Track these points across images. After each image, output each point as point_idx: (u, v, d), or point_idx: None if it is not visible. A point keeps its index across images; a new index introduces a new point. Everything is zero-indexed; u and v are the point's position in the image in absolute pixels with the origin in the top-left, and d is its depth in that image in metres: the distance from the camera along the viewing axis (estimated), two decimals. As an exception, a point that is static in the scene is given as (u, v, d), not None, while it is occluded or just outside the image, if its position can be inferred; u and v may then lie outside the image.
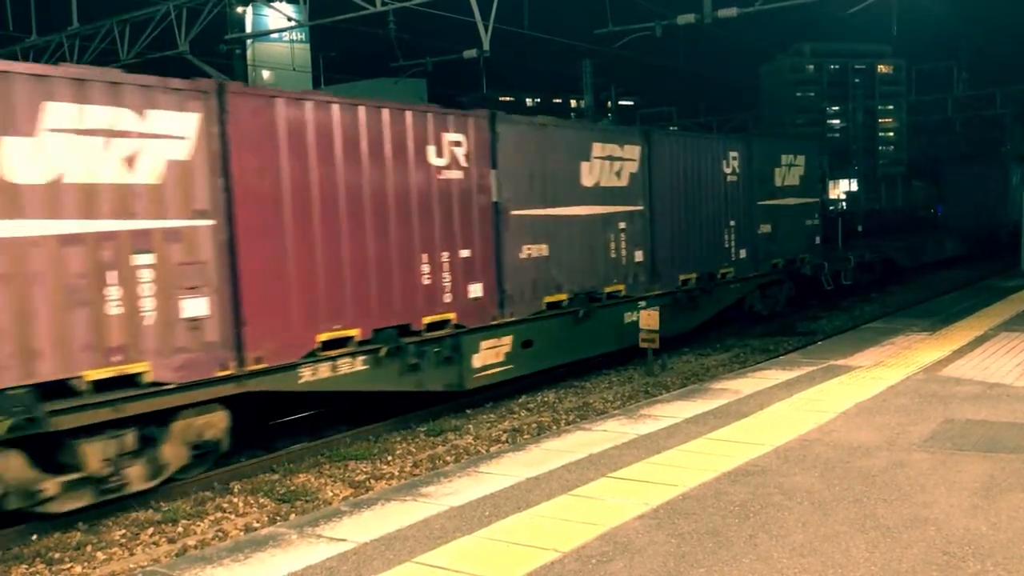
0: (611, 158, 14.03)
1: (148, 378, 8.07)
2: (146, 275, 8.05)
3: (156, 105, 8.16)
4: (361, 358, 10.07)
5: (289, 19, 24.74)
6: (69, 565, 7.20)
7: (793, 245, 19.40)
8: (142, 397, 8.05)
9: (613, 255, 14.11)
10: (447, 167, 11.19)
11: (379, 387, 10.40)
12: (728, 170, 17.11)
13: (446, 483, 6.69)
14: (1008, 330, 13.00)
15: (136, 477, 8.15)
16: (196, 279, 8.42)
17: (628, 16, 22.28)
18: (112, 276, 7.81)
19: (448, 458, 9.84)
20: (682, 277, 15.75)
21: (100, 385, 7.77)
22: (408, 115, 10.69)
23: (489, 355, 11.77)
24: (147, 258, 8.07)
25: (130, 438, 8.06)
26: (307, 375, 9.48)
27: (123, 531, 7.87)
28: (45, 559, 7.32)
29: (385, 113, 10.39)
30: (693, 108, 54.72)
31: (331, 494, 8.72)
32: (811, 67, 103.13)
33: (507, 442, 10.38)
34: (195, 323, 8.42)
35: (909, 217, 40.85)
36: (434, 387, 11.12)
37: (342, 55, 37.18)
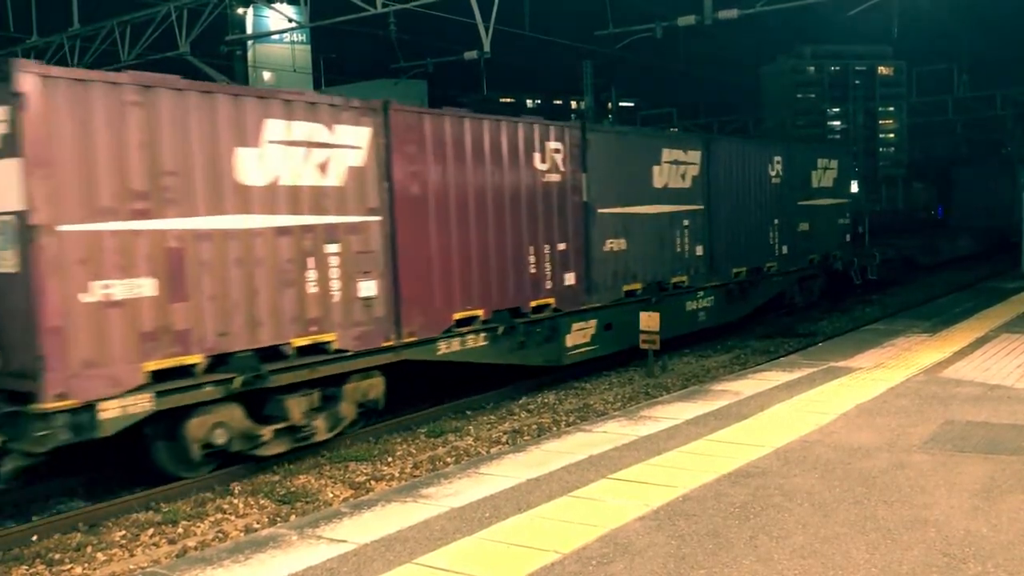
0: (677, 162, 15.75)
1: (334, 346, 9.88)
2: (334, 261, 9.86)
3: (341, 121, 9.93)
4: (483, 335, 11.86)
5: (290, 20, 24.75)
6: (69, 566, 7.20)
7: (827, 242, 21.01)
8: (330, 362, 9.88)
9: (678, 249, 15.79)
10: (549, 171, 12.97)
11: (494, 360, 12.18)
12: (772, 173, 18.71)
13: (446, 484, 6.69)
14: (1009, 332, 13.00)
15: (321, 428, 9.86)
16: (369, 265, 10.26)
17: (629, 17, 22.28)
18: (311, 262, 9.61)
19: (448, 459, 9.84)
20: (735, 270, 17.35)
21: (300, 351, 9.54)
22: (520, 127, 12.51)
23: (578, 336, 13.50)
24: (335, 247, 9.87)
25: (316, 396, 9.82)
26: (443, 348, 11.32)
27: (123, 532, 7.87)
28: (45, 560, 7.32)
29: (503, 126, 12.21)
30: (693, 109, 54.74)
31: (331, 495, 8.71)
32: (812, 68, 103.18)
33: (507, 443, 10.38)
34: (368, 302, 10.27)
35: (910, 218, 40.97)
36: (536, 362, 12.89)
37: (343, 56, 37.24)
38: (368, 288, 10.22)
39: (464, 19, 18.97)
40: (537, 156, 12.72)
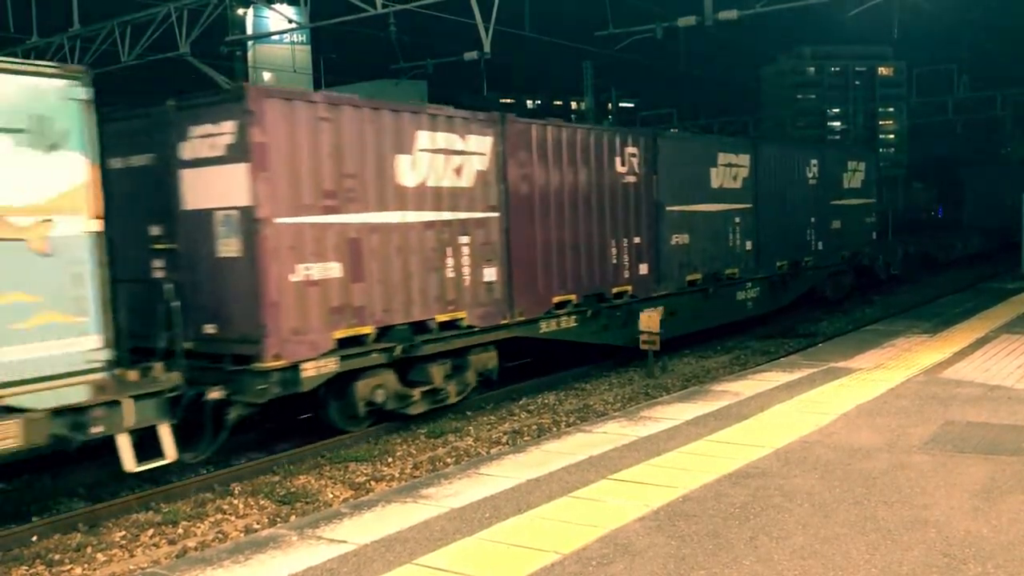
0: (730, 165, 17.34)
1: (465, 322, 11.66)
2: (465, 251, 11.68)
3: (470, 132, 11.72)
4: (574, 317, 13.54)
5: (290, 21, 24.75)
6: (69, 566, 7.20)
7: (856, 239, 22.54)
8: (462, 335, 11.67)
9: (731, 244, 17.37)
10: (627, 173, 14.62)
11: (582, 339, 13.81)
12: (810, 175, 20.38)
13: (446, 485, 6.69)
14: (1009, 332, 12.99)
15: (452, 392, 11.64)
16: (490, 255, 12.08)
17: (629, 18, 22.27)
18: (449, 251, 11.44)
19: (448, 460, 9.84)
20: (778, 263, 19.01)
21: (440, 326, 11.32)
22: (605, 134, 14.24)
23: (646, 321, 14.69)
24: (466, 239, 11.70)
25: (449, 365, 11.61)
26: (543, 327, 13.02)
27: (123, 532, 7.87)
28: (45, 560, 7.31)
29: (592, 133, 13.94)
30: (694, 110, 54.75)
31: (331, 496, 8.71)
32: (812, 69, 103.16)
33: (507, 444, 10.38)
34: (489, 286, 12.07)
35: (912, 218, 41.17)
36: (616, 342, 14.43)
37: (343, 57, 37.21)
38: (490, 274, 12.08)
39: (464, 20, 18.97)
40: (618, 160, 14.41)
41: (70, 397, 7.42)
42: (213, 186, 9.55)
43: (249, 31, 27.90)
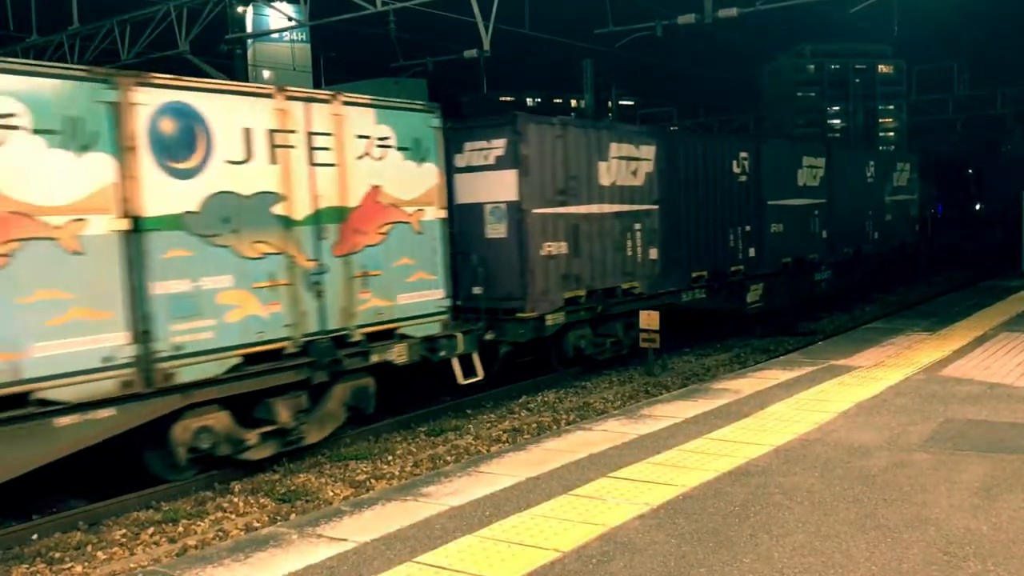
0: (811, 166, 20.53)
1: (638, 290, 14.95)
2: (638, 235, 14.95)
3: (642, 142, 15.08)
4: (704, 289, 16.69)
5: (290, 19, 24.72)
6: (70, 565, 7.20)
7: (903, 231, 25.89)
8: (636, 302, 14.78)
9: (812, 232, 20.55)
10: (740, 174, 17.84)
11: (708, 307, 16.90)
12: (869, 174, 23.60)
13: (446, 483, 6.69)
14: (1008, 330, 12.99)
15: (626, 345, 14.82)
16: (653, 238, 15.27)
17: (629, 16, 22.25)
18: (628, 235, 14.75)
19: (448, 458, 9.84)
20: (845, 250, 22.06)
21: (620, 292, 14.63)
22: (726, 143, 18.02)
23: (753, 294, 18.21)
24: (639, 225, 14.97)
25: (624, 324, 14.68)
26: (684, 297, 16.20)
27: (123, 531, 7.87)
28: (46, 559, 7.32)
29: (717, 141, 18.26)
30: (693, 108, 54.69)
31: (331, 494, 8.71)
32: (812, 67, 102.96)
33: (507, 442, 10.38)
34: (653, 262, 15.31)
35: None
36: (731, 309, 17.73)
37: (343, 55, 37.11)
38: (653, 253, 15.29)
39: (464, 18, 18.96)
40: (734, 163, 17.67)
41: (430, 331, 11.11)
42: (484, 186, 13.01)
43: (249, 29, 27.85)
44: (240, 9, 26.52)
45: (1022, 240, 25.73)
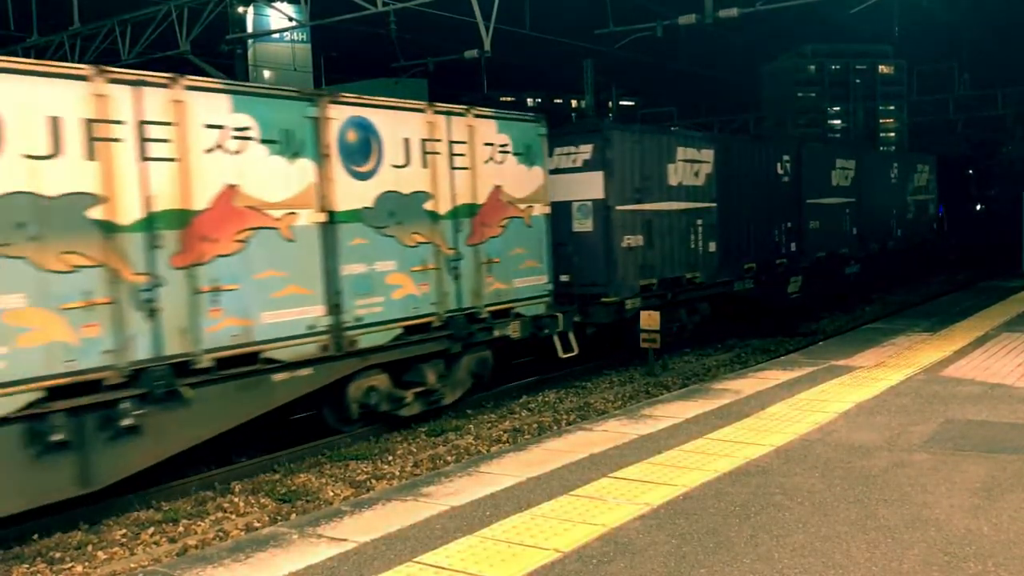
0: (843, 168, 22.53)
1: (698, 280, 16.40)
2: (699, 230, 16.49)
3: (702, 146, 16.79)
4: (752, 280, 18.22)
5: (290, 19, 24.72)
6: (70, 564, 7.20)
7: (923, 228, 28.04)
8: (699, 290, 16.57)
9: (844, 229, 22.47)
10: (783, 175, 19.65)
11: (755, 297, 18.51)
12: (893, 176, 25.86)
13: (447, 483, 6.69)
14: (1009, 331, 12.99)
15: (688, 327, 16.49)
16: (711, 233, 16.80)
17: (629, 16, 22.25)
18: (691, 230, 16.27)
19: (449, 458, 9.84)
20: (873, 246, 24.04)
21: (685, 281, 16.11)
22: (772, 147, 19.88)
23: (792, 286, 19.86)
24: (700, 221, 16.51)
25: (689, 310, 16.52)
26: (737, 287, 17.70)
27: (124, 531, 7.87)
28: (46, 558, 7.32)
29: (763, 146, 19.75)
30: (694, 108, 54.67)
31: (332, 494, 8.72)
32: (812, 67, 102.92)
33: (508, 442, 10.38)
34: (711, 255, 16.85)
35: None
36: (773, 299, 19.22)
37: (343, 55, 37.09)
38: (711, 247, 16.82)
39: (464, 18, 18.96)
40: (778, 165, 19.45)
41: (537, 311, 12.75)
42: (572, 186, 14.43)
43: (249, 29, 27.84)
44: (241, 9, 26.52)
45: (1023, 241, 25.72)
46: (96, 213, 7.81)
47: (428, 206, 11.04)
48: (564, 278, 14.01)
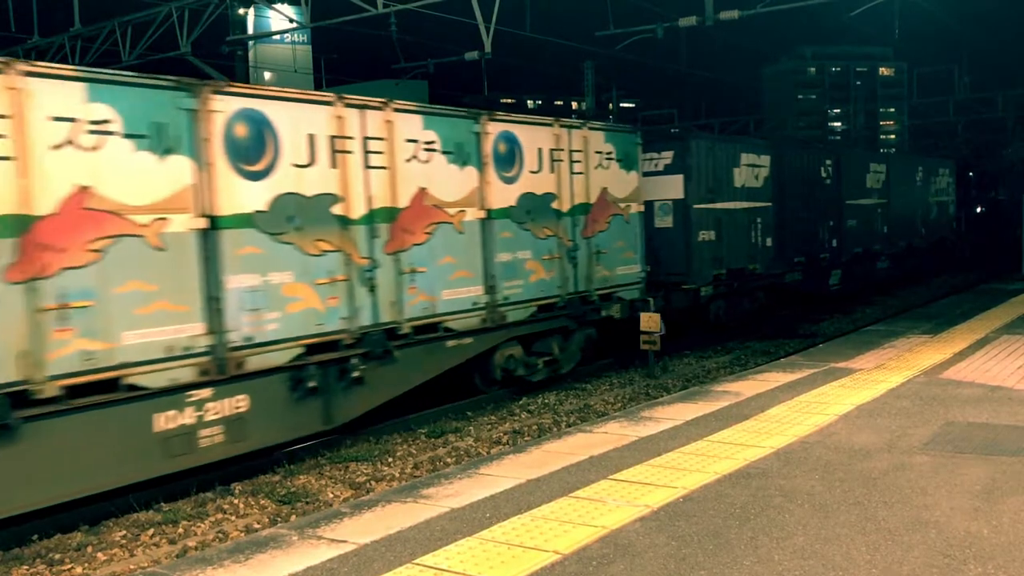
0: (875, 171, 24.79)
1: (756, 271, 18.38)
2: (759, 227, 18.46)
3: (761, 152, 18.73)
4: (800, 272, 20.18)
5: (291, 21, 24.74)
6: (70, 566, 7.20)
7: (944, 227, 30.25)
8: (757, 280, 18.62)
9: (877, 228, 24.63)
10: (826, 178, 21.77)
11: (802, 287, 20.56)
12: (918, 178, 28.06)
13: (447, 485, 6.69)
14: (1009, 333, 12.99)
15: (749, 315, 18.67)
16: (768, 229, 18.79)
17: (630, 18, 22.27)
18: (752, 226, 18.24)
19: (449, 460, 9.84)
20: (900, 243, 26.22)
21: (747, 272, 18.11)
22: (818, 154, 21.91)
23: (833, 278, 21.98)
24: (759, 219, 18.49)
25: (750, 298, 18.55)
26: (787, 278, 19.71)
27: (124, 532, 7.87)
28: (46, 560, 7.32)
29: (812, 153, 21.77)
30: (694, 110, 54.69)
31: (332, 495, 8.71)
32: (813, 69, 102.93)
33: (508, 444, 10.38)
34: (768, 249, 18.72)
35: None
36: (816, 289, 21.50)
37: (344, 57, 37.14)
38: (768, 242, 18.72)
39: (465, 19, 18.97)
40: (822, 168, 21.63)
41: (633, 295, 14.57)
42: (655, 187, 16.24)
43: (250, 31, 27.87)
44: (241, 11, 26.55)
45: (1022, 242, 25.72)
46: (337, 209, 9.83)
47: (554, 205, 13.12)
48: (648, 268, 15.54)
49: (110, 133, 7.87)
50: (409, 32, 24.41)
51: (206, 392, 8.56)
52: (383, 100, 10.45)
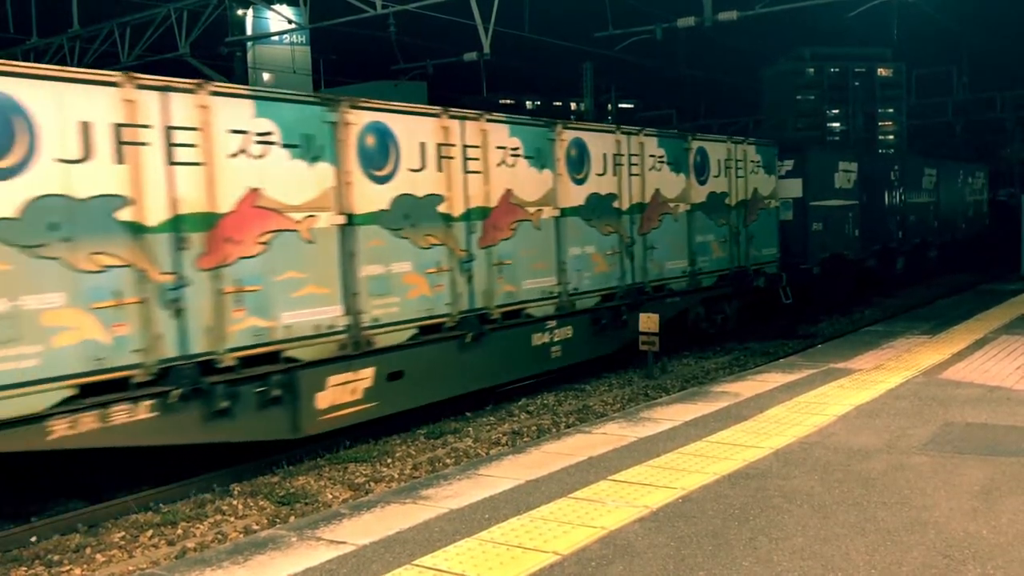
0: (928, 175, 28.75)
1: (848, 256, 21.68)
2: (850, 220, 21.81)
3: (852, 160, 22.16)
4: (876, 258, 24.09)
5: (290, 22, 24.73)
6: (68, 567, 7.19)
7: (978, 223, 34.44)
8: (851, 263, 22.06)
9: (929, 222, 28.40)
10: (894, 180, 25.39)
11: (876, 271, 24.41)
12: (960, 180, 31.94)
13: (446, 485, 6.69)
14: (1008, 334, 13.00)
15: (845, 292, 22.24)
16: (856, 222, 22.20)
17: (628, 19, 22.26)
18: (845, 220, 21.67)
19: (448, 460, 9.83)
20: (946, 236, 29.97)
21: (843, 257, 21.64)
22: (888, 160, 27.72)
23: (898, 264, 25.60)
24: (851, 214, 22.03)
25: (846, 279, 22.24)
26: (868, 263, 23.42)
27: (122, 533, 7.86)
28: (44, 561, 7.31)
29: (884, 159, 27.84)
30: (693, 111, 54.66)
31: (331, 496, 8.71)
32: (811, 71, 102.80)
33: (507, 445, 10.37)
34: (856, 238, 22.16)
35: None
36: (886, 273, 25.17)
37: (343, 58, 37.08)
38: (856, 232, 22.23)
39: (464, 21, 18.97)
40: (891, 173, 25.05)
41: (772, 271, 18.52)
42: (780, 188, 19.06)
43: (249, 32, 27.85)
44: (240, 12, 26.52)
45: (1022, 244, 25.74)
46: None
47: (727, 202, 17.12)
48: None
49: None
50: (408, 33, 24.41)
51: (554, 323, 12.96)
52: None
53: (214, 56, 24.81)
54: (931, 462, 6.77)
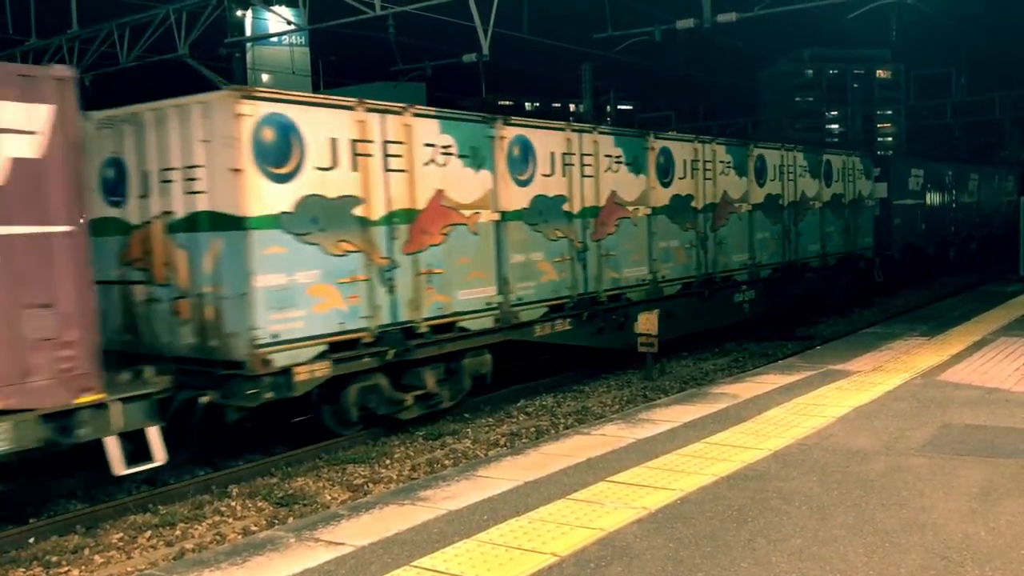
0: (972, 179, 32.72)
1: (917, 245, 26.54)
2: (918, 215, 27.03)
3: (919, 166, 27.80)
4: (935, 247, 27.84)
5: (289, 23, 24.71)
6: (67, 568, 7.19)
7: (1000, 221, 36.65)
8: (920, 251, 27.08)
9: (972, 219, 32.31)
10: (948, 183, 29.51)
11: (935, 257, 28.34)
12: (994, 184, 36.03)
13: (444, 487, 6.69)
14: (1007, 335, 13.00)
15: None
16: (922, 218, 26.97)
17: (628, 21, 22.25)
18: (915, 216, 27.02)
19: (446, 462, 9.83)
20: (985, 231, 33.99)
21: (914, 246, 26.55)
22: (944, 166, 30.67)
23: (952, 253, 29.54)
24: (918, 211, 26.96)
25: (915, 264, 26.41)
26: (930, 251, 27.90)
27: (121, 534, 7.86)
28: (42, 562, 7.31)
29: (941, 165, 29.92)
30: (692, 112, 54.67)
31: (329, 497, 8.71)
32: (810, 72, 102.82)
33: (505, 446, 10.37)
34: (923, 231, 27.12)
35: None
36: (944, 260, 29.39)
37: (342, 59, 37.08)
38: (923, 227, 25.64)
39: (463, 22, 18.97)
40: (946, 177, 29.06)
41: (868, 255, 22.94)
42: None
43: (248, 33, 27.82)
44: (239, 13, 26.51)
45: (1021, 245, 25.73)
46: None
47: (842, 201, 21.33)
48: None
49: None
50: (407, 34, 24.40)
51: (745, 287, 17.34)
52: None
53: (213, 57, 24.78)
54: (929, 464, 6.77)
